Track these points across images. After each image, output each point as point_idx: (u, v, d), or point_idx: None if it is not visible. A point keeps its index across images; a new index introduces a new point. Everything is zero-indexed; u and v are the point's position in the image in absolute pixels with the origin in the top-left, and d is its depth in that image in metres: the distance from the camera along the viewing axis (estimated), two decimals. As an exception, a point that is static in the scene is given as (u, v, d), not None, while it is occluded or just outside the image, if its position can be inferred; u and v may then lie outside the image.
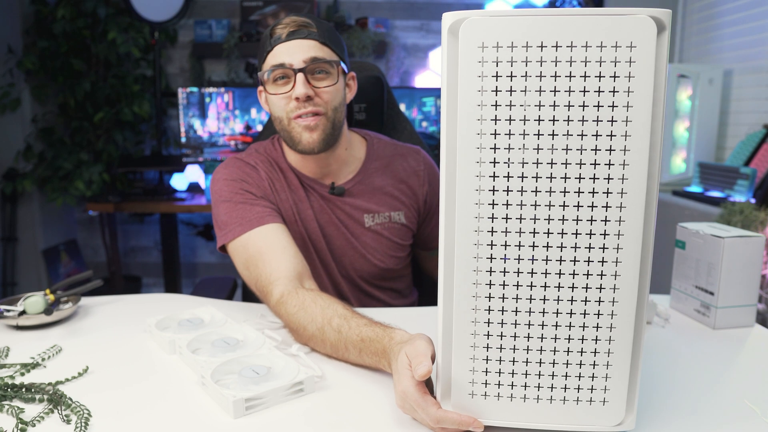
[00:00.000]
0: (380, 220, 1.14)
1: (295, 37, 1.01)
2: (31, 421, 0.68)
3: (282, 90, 1.03)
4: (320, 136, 1.03)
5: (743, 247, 0.95)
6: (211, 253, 3.33)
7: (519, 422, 0.64)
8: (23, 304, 0.99)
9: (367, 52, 2.96)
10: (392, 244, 1.16)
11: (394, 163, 1.17)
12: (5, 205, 2.90)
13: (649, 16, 0.55)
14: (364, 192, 1.14)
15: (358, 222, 1.13)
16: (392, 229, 1.15)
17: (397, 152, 1.19)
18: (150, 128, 3.11)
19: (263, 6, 2.97)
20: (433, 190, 1.20)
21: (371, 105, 1.38)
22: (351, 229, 1.13)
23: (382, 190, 1.15)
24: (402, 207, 1.16)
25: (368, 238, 1.14)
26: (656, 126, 0.57)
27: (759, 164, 2.00)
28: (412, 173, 1.18)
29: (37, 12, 2.87)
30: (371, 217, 1.14)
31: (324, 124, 1.04)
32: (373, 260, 1.15)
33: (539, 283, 0.60)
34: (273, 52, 1.02)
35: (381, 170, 1.16)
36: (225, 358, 0.80)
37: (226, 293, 1.46)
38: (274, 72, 1.02)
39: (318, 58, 1.01)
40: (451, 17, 0.58)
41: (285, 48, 1.01)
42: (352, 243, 1.14)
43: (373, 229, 1.14)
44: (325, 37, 1.04)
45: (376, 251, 1.15)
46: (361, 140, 1.18)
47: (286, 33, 1.02)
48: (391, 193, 1.15)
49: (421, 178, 1.18)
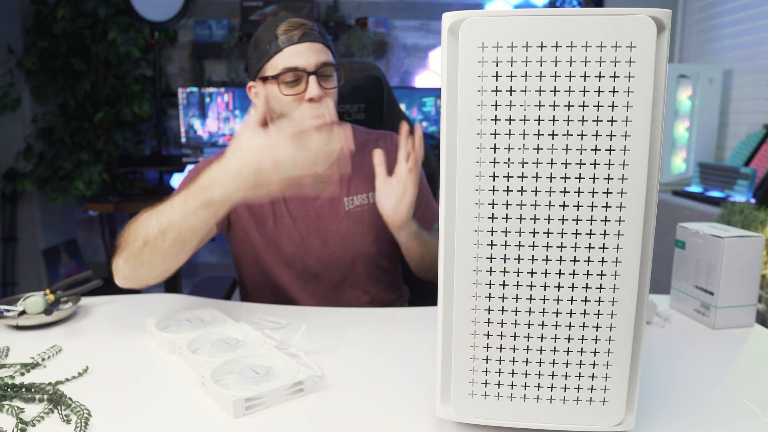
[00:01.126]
0: (359, 202, 1.19)
1: (306, 40, 1.07)
2: (31, 421, 0.68)
3: (293, 91, 1.07)
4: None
5: (743, 247, 0.95)
6: (211, 253, 3.33)
7: (519, 422, 0.64)
8: (23, 304, 0.99)
9: (367, 52, 2.96)
10: (373, 227, 1.19)
11: (368, 147, 1.21)
12: (5, 205, 2.90)
13: (649, 16, 0.55)
14: (342, 177, 1.19)
15: (338, 206, 1.18)
16: (372, 212, 1.18)
17: (370, 138, 1.24)
18: (150, 128, 3.11)
19: (263, 6, 2.97)
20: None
21: (371, 105, 1.38)
22: (332, 215, 1.17)
23: (360, 172, 1.19)
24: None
25: (350, 222, 1.18)
26: (656, 126, 0.57)
27: (759, 164, 2.00)
28: (387, 153, 1.21)
29: (37, 12, 2.87)
30: (350, 200, 1.19)
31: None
32: (354, 244, 1.18)
33: (539, 283, 0.60)
34: (283, 53, 1.06)
35: (358, 155, 1.19)
36: (225, 358, 0.80)
37: (225, 293, 1.46)
38: (286, 74, 1.06)
39: (327, 62, 1.08)
40: (451, 17, 0.58)
41: (297, 50, 1.06)
42: (331, 231, 1.17)
43: (353, 212, 1.18)
44: (326, 39, 1.10)
45: (356, 235, 1.18)
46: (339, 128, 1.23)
47: (298, 35, 1.06)
48: (367, 174, 1.18)
49: (395, 158, 1.21)
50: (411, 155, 1.06)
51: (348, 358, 0.87)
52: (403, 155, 1.06)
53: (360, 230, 1.19)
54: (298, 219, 1.17)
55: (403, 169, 1.06)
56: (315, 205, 1.17)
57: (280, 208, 1.17)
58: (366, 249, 1.20)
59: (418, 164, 1.06)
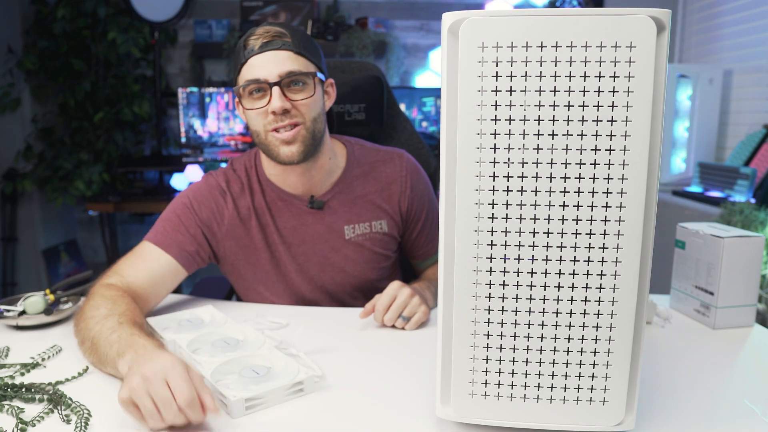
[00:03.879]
0: (361, 231, 1.12)
1: (269, 48, 0.99)
2: (31, 421, 0.68)
3: (258, 104, 1.00)
4: (299, 148, 1.02)
5: (743, 247, 0.95)
6: (211, 253, 3.32)
7: (519, 422, 0.64)
8: (23, 304, 0.99)
9: (367, 52, 2.96)
10: (374, 255, 1.14)
11: (375, 169, 1.15)
12: (5, 205, 2.90)
13: (649, 16, 0.55)
14: (344, 202, 1.12)
15: (338, 235, 1.11)
16: (374, 240, 1.13)
17: (378, 158, 1.16)
18: (150, 128, 3.11)
19: (263, 6, 2.97)
20: (417, 193, 1.16)
21: (371, 105, 1.38)
22: (331, 243, 1.11)
23: (364, 198, 1.13)
24: (384, 215, 1.14)
25: (349, 250, 1.12)
26: (656, 126, 0.57)
27: (759, 164, 2.00)
28: (394, 179, 1.15)
29: (37, 12, 2.87)
30: (352, 228, 1.12)
31: (303, 135, 1.01)
32: (354, 272, 1.13)
33: (539, 283, 0.60)
34: (247, 64, 1.00)
35: (362, 177, 1.13)
36: (225, 358, 0.80)
37: (225, 293, 1.46)
38: (249, 86, 0.99)
39: (293, 71, 0.99)
40: (451, 17, 0.58)
41: (259, 60, 0.99)
42: (330, 259, 1.12)
43: (353, 241, 1.12)
44: (300, 46, 1.01)
45: (356, 263, 1.13)
46: (341, 147, 1.16)
47: (259, 44, 0.99)
48: (372, 201, 1.13)
49: (403, 182, 1.15)
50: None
51: (348, 358, 0.87)
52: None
53: (362, 258, 1.13)
54: (293, 246, 1.11)
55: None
56: (313, 233, 1.11)
57: (274, 242, 1.10)
58: (367, 277, 1.14)
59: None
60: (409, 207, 1.16)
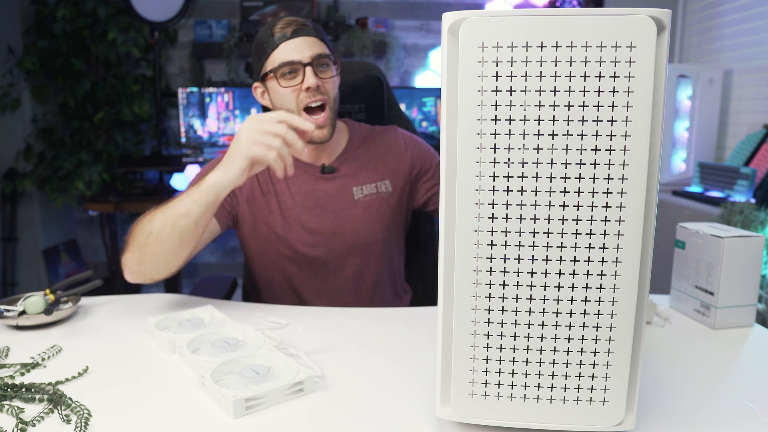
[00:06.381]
0: (368, 191, 1.23)
1: (300, 35, 1.12)
2: (31, 421, 0.68)
3: (292, 83, 1.12)
4: (329, 130, 1.15)
5: (743, 247, 0.95)
6: (211, 252, 3.33)
7: (519, 422, 0.64)
8: (23, 304, 0.99)
9: (367, 52, 2.96)
10: (381, 215, 1.24)
11: (375, 139, 1.28)
12: (5, 205, 2.90)
13: (649, 16, 0.55)
14: (351, 168, 1.24)
15: (348, 195, 1.22)
16: (381, 200, 1.24)
17: (375, 131, 1.30)
18: (150, 128, 3.11)
19: (263, 6, 2.97)
20: (418, 153, 1.28)
21: (371, 105, 1.38)
22: (342, 204, 1.21)
23: (368, 163, 1.25)
24: (387, 176, 1.25)
25: (358, 210, 1.22)
26: (656, 126, 0.57)
27: (759, 164, 2.00)
28: (392, 144, 1.28)
29: (37, 12, 2.87)
30: (360, 189, 1.23)
31: (329, 116, 1.14)
32: (363, 231, 1.22)
33: (539, 283, 0.60)
34: (278, 49, 1.12)
35: (363, 147, 1.26)
36: (225, 358, 0.80)
37: (225, 292, 1.46)
38: (284, 68, 1.11)
39: (321, 53, 1.13)
40: (451, 17, 0.58)
41: (292, 45, 1.11)
42: (341, 218, 1.21)
43: (362, 201, 1.23)
44: (320, 34, 1.16)
45: (365, 223, 1.22)
46: (342, 123, 1.29)
47: (291, 31, 1.12)
48: (374, 165, 1.25)
49: (402, 145, 1.28)
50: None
51: (348, 358, 0.87)
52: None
53: (369, 218, 1.22)
54: (306, 209, 1.20)
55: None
56: (325, 196, 1.21)
57: (286, 201, 1.20)
58: (375, 237, 1.23)
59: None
60: (412, 165, 1.28)
